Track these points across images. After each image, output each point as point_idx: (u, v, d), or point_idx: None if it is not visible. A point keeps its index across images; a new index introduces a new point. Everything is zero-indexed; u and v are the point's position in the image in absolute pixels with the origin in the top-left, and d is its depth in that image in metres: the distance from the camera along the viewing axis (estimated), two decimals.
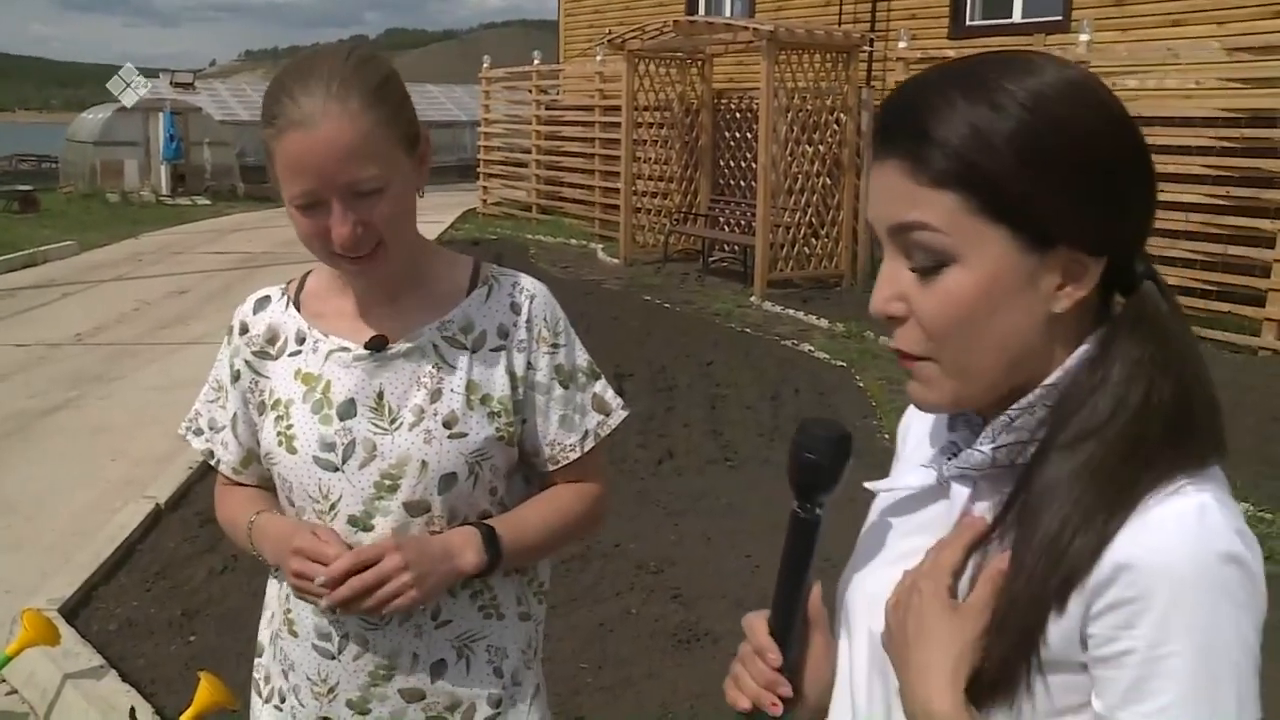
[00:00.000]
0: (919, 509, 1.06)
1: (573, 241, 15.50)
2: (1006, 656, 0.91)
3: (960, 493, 1.01)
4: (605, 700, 3.66)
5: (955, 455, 1.01)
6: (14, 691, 3.86)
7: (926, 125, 0.91)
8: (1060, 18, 10.82)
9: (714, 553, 4.82)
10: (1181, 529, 0.87)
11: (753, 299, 11.09)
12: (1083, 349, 0.95)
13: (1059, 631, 0.90)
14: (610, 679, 3.78)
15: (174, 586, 4.53)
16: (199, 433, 1.75)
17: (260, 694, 1.74)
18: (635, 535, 4.93)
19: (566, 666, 3.78)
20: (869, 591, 1.05)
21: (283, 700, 1.68)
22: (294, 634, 1.65)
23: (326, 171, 1.41)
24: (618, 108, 13.89)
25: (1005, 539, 0.94)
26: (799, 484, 0.99)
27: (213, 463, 1.75)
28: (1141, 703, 0.87)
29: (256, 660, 1.76)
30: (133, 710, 3.56)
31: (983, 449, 0.98)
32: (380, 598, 1.48)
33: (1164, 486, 0.89)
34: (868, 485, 1.13)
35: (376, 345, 1.57)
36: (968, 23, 11.93)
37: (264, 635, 1.74)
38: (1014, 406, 0.96)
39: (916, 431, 1.15)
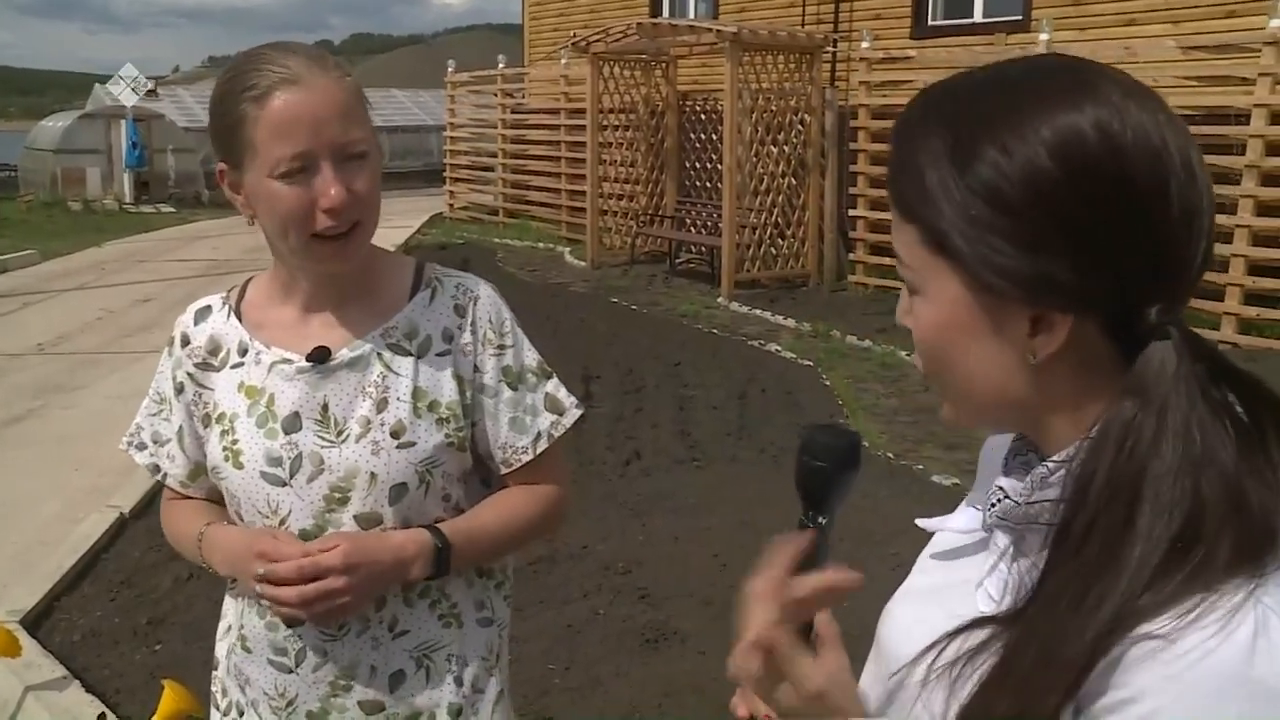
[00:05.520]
0: (965, 548, 1.00)
1: (540, 245, 15.49)
2: None
3: (1000, 542, 0.93)
4: (573, 700, 3.67)
5: (1000, 501, 0.92)
6: None
7: (903, 151, 0.88)
8: (1020, 17, 10.91)
9: (681, 552, 4.83)
10: (1234, 638, 0.73)
11: (720, 300, 11.13)
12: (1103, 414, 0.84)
13: None
14: (578, 679, 3.79)
15: (139, 595, 4.51)
16: (142, 447, 1.72)
17: (219, 707, 1.71)
18: (603, 536, 4.94)
19: (534, 667, 3.79)
20: (895, 619, 1.03)
21: (240, 714, 1.66)
22: (247, 650, 1.62)
23: (321, 127, 1.40)
24: (583, 111, 13.88)
25: (1021, 619, 0.83)
26: (804, 492, 0.95)
27: (158, 477, 1.72)
28: None
29: (214, 673, 1.73)
30: (102, 716, 3.54)
31: (1018, 501, 0.89)
32: (310, 609, 1.47)
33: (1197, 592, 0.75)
34: (919, 523, 1.05)
35: (318, 357, 1.54)
36: (930, 23, 12.01)
37: (220, 649, 1.71)
38: (1052, 460, 0.87)
39: (989, 460, 1.03)
